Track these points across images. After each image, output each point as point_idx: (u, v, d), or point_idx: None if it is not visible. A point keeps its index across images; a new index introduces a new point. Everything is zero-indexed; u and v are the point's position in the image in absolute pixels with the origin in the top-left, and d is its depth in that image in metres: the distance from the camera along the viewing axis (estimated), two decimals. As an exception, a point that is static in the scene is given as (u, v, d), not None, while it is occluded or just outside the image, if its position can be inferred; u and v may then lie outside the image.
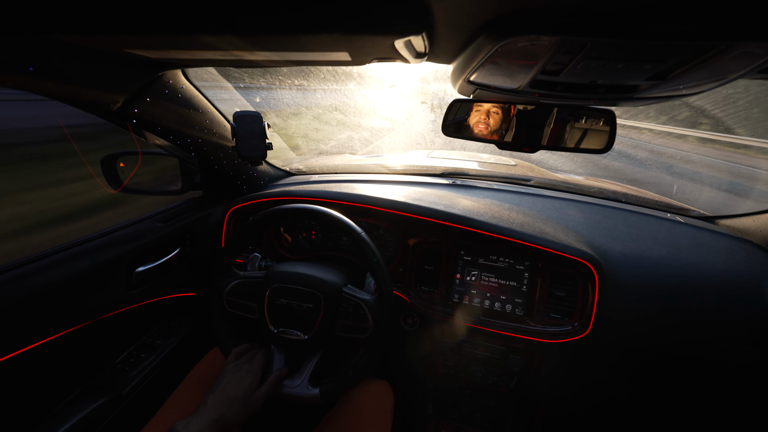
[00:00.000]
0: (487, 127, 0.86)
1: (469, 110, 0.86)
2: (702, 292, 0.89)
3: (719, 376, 1.00)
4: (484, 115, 0.85)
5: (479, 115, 0.85)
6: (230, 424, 0.65)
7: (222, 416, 0.64)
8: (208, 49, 0.57)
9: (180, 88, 0.86)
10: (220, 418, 0.64)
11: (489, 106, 0.83)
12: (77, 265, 0.81)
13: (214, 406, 0.66)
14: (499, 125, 0.84)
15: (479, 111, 0.85)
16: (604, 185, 1.36)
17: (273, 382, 0.76)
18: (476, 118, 0.86)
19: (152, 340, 1.07)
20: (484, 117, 0.85)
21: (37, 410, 0.79)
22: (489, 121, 0.85)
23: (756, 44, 0.37)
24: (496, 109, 0.83)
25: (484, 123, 0.85)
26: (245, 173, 1.20)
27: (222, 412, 0.65)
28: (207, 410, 0.64)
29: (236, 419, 0.67)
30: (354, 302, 0.81)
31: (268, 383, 0.75)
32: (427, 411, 1.24)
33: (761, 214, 1.00)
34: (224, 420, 0.64)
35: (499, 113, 0.83)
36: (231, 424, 0.65)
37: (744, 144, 7.86)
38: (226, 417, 0.65)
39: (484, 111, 0.84)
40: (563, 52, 0.43)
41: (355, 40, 0.51)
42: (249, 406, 0.70)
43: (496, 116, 0.84)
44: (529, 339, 0.93)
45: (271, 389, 0.75)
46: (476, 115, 0.86)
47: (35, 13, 0.46)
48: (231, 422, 0.65)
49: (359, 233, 0.81)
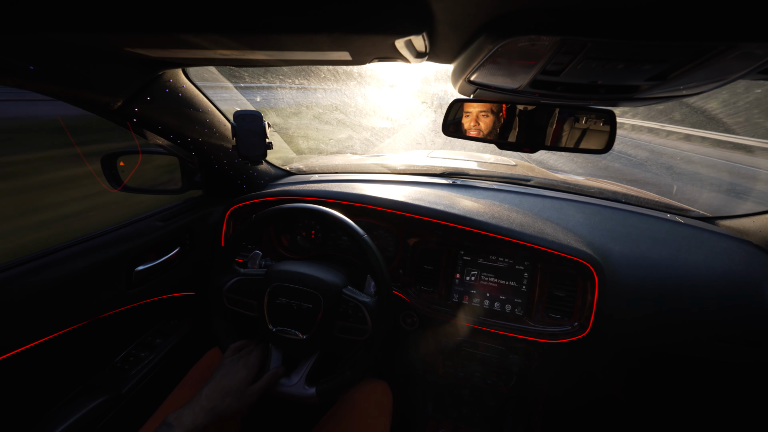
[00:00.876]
0: (486, 127, 0.86)
1: (470, 110, 0.86)
2: (701, 293, 0.89)
3: (718, 376, 1.00)
4: (483, 116, 0.85)
5: (479, 115, 0.85)
6: (224, 415, 0.65)
7: (216, 407, 0.65)
8: (208, 48, 0.57)
9: (180, 87, 0.86)
10: (213, 408, 0.64)
11: (489, 106, 0.83)
12: (77, 263, 0.81)
13: (208, 397, 0.66)
14: (499, 125, 0.84)
15: (479, 111, 0.85)
16: (604, 185, 1.36)
17: (269, 379, 0.76)
18: (476, 118, 0.86)
19: (152, 339, 1.07)
20: (484, 117, 0.85)
21: (36, 408, 0.79)
22: (489, 122, 0.85)
23: (756, 45, 0.37)
24: (495, 110, 0.83)
25: (483, 123, 0.85)
26: (245, 172, 1.20)
27: (216, 403, 0.65)
28: (200, 401, 0.65)
29: (230, 411, 0.67)
30: (354, 304, 0.81)
31: (264, 379, 0.75)
32: (426, 410, 1.24)
33: (761, 215, 1.00)
34: (217, 411, 0.65)
35: (499, 113, 0.83)
36: (224, 415, 0.66)
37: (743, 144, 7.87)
38: (219, 408, 0.65)
39: (484, 111, 0.84)
40: (564, 52, 0.43)
41: (355, 40, 0.51)
42: (243, 399, 0.70)
43: (495, 117, 0.84)
44: (528, 339, 0.93)
45: (266, 386, 0.75)
46: (476, 115, 0.86)
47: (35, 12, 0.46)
48: (224, 413, 0.66)
49: (360, 234, 0.81)
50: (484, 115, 0.85)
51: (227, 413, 0.66)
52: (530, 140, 0.80)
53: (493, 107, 0.83)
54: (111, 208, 2.96)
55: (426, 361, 1.17)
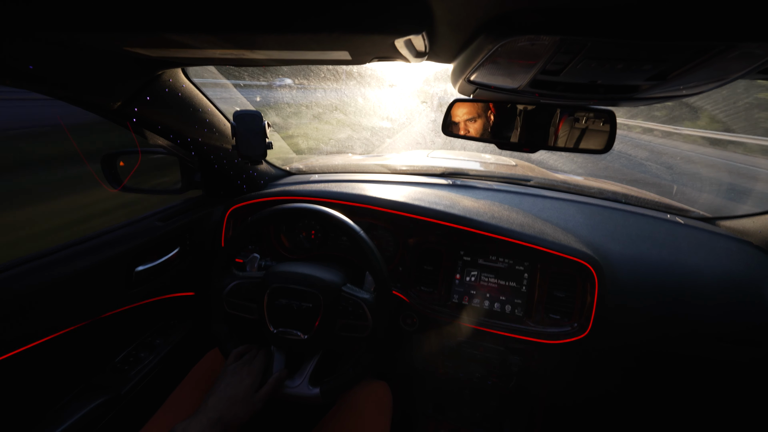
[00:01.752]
0: (486, 127, 0.85)
1: (469, 110, 0.86)
2: (701, 293, 0.89)
3: (718, 375, 1.00)
4: (483, 116, 0.85)
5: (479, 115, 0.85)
6: (231, 425, 0.65)
7: (222, 417, 0.64)
8: (208, 47, 0.57)
9: (180, 86, 0.86)
10: (220, 419, 0.64)
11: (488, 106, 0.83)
12: (77, 263, 0.81)
13: (215, 407, 0.66)
14: (498, 125, 0.84)
15: (479, 111, 0.85)
16: (604, 186, 1.36)
17: (273, 383, 0.76)
18: (476, 118, 0.86)
19: (152, 339, 1.07)
20: (484, 117, 0.85)
21: (36, 409, 0.79)
22: (488, 122, 0.85)
23: (756, 45, 0.37)
24: (495, 109, 0.83)
25: (483, 123, 0.85)
26: (245, 172, 1.20)
27: (222, 413, 0.65)
28: (207, 411, 0.64)
29: (237, 420, 0.66)
30: (353, 301, 0.81)
31: (268, 385, 0.75)
32: (426, 411, 1.24)
33: (761, 215, 1.00)
34: (224, 421, 0.64)
35: (499, 113, 0.83)
36: (231, 425, 0.65)
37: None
38: (226, 418, 0.65)
39: (484, 111, 0.84)
40: (563, 51, 0.43)
41: (355, 39, 0.51)
42: (249, 407, 0.69)
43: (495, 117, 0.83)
44: (528, 339, 0.93)
45: (271, 391, 0.75)
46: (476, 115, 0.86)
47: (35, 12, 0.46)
48: (231, 423, 0.65)
49: (358, 233, 0.81)
50: (483, 115, 0.85)
51: (234, 422, 0.66)
52: (530, 140, 0.80)
53: (492, 107, 0.83)
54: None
55: (426, 362, 1.17)
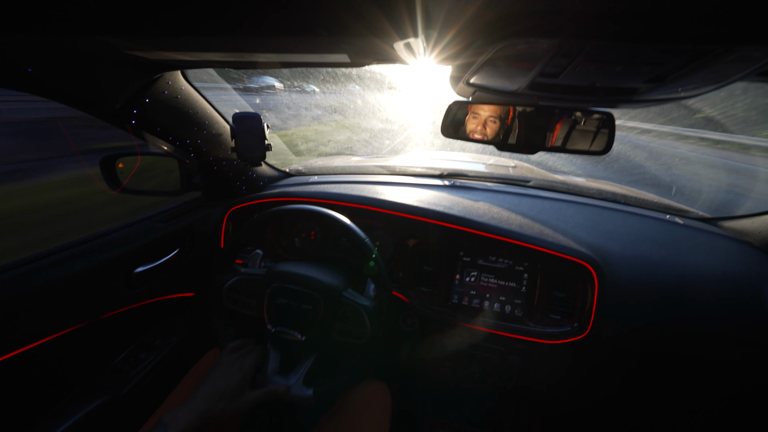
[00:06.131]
0: (485, 129, 0.86)
1: (468, 112, 0.86)
2: (701, 294, 0.89)
3: (717, 375, 1.00)
4: (482, 117, 0.85)
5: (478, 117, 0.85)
6: (217, 418, 0.66)
7: (209, 409, 0.65)
8: (207, 50, 0.57)
9: (179, 89, 0.86)
10: (207, 411, 0.65)
11: (487, 107, 0.83)
12: (77, 265, 0.81)
13: (203, 398, 0.67)
14: (497, 127, 0.84)
15: (478, 112, 0.85)
16: (604, 186, 1.36)
17: (267, 393, 0.76)
18: (475, 119, 0.86)
19: (151, 340, 1.07)
20: (483, 118, 0.85)
21: (36, 409, 0.79)
22: (487, 124, 0.85)
23: (754, 48, 0.37)
24: (494, 111, 0.83)
25: (482, 125, 0.85)
26: (244, 174, 1.20)
27: (210, 406, 0.66)
28: (195, 402, 0.65)
29: (223, 414, 0.67)
30: (353, 307, 0.80)
31: (262, 392, 0.75)
32: (426, 411, 1.24)
33: (760, 216, 1.00)
34: (211, 413, 0.65)
35: (498, 115, 0.83)
36: (218, 418, 0.66)
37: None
38: (213, 411, 0.66)
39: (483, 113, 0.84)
40: (562, 54, 0.43)
41: (354, 43, 0.51)
42: (237, 404, 0.70)
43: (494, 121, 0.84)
44: (528, 340, 0.93)
45: (263, 398, 0.75)
46: (475, 116, 0.86)
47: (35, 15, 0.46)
48: (218, 416, 0.66)
49: (362, 237, 0.81)
50: (482, 117, 0.85)
51: (221, 416, 0.67)
52: (529, 142, 0.80)
53: (491, 109, 0.83)
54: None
55: (426, 362, 1.17)
